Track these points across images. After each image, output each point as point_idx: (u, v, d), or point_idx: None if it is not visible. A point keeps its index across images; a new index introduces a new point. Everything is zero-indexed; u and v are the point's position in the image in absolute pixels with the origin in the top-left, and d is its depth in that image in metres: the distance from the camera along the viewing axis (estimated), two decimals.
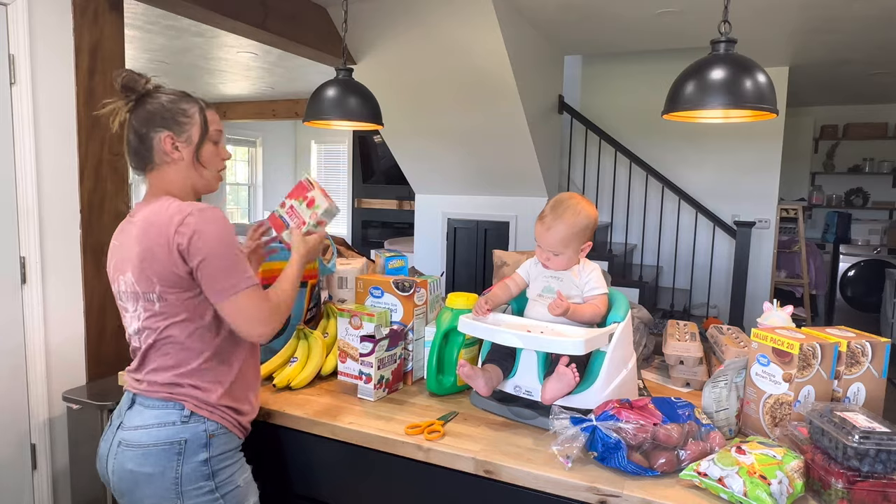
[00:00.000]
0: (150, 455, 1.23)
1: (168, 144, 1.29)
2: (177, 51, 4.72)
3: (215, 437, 1.27)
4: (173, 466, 1.23)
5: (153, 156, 1.30)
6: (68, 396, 2.17)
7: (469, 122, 4.18)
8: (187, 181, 1.33)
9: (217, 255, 1.21)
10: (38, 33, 2.09)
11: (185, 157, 1.31)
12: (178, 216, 1.21)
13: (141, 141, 1.29)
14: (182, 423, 1.25)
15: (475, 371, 1.38)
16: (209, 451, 1.26)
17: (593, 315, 1.42)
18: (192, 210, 1.22)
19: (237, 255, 1.24)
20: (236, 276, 1.23)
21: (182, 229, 1.20)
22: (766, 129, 4.93)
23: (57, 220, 2.19)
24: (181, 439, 1.24)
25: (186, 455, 1.24)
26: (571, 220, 1.43)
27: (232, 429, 1.31)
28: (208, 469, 1.26)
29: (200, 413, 1.26)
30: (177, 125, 1.30)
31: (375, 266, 2.07)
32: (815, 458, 1.10)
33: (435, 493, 1.31)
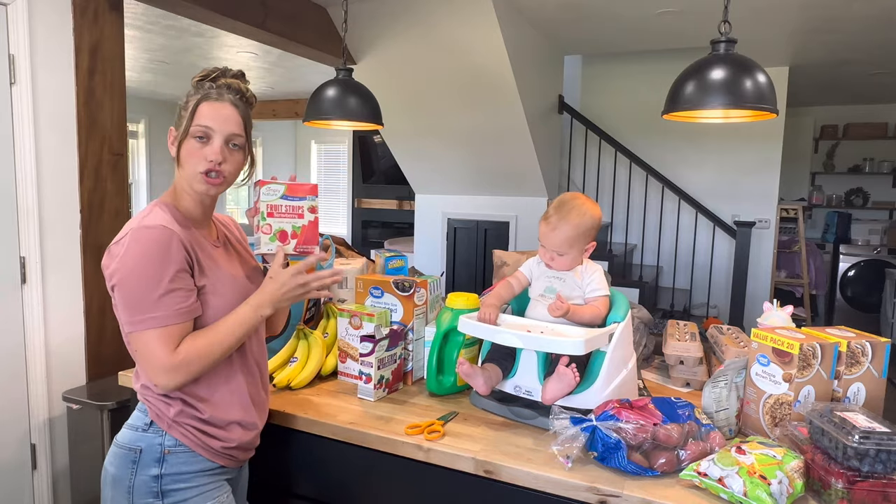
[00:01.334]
0: (116, 455, 1.19)
1: (170, 139, 1.21)
2: (177, 51, 4.72)
3: (171, 453, 1.16)
4: (128, 474, 1.16)
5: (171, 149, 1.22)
6: (68, 396, 2.17)
7: (469, 122, 4.18)
8: (182, 178, 1.21)
9: (128, 283, 1.09)
10: (38, 33, 2.09)
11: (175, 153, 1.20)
12: (120, 234, 1.13)
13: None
14: (142, 430, 1.18)
15: (474, 370, 1.38)
16: (161, 468, 1.16)
17: (593, 317, 1.42)
18: (131, 228, 1.12)
19: (153, 286, 1.08)
20: (141, 312, 1.09)
21: (112, 248, 1.13)
22: (766, 129, 4.92)
23: (57, 220, 2.19)
24: (137, 447, 1.17)
25: (140, 465, 1.16)
26: (577, 221, 1.42)
27: (197, 449, 1.18)
28: (157, 487, 1.15)
29: (160, 424, 1.17)
30: (178, 118, 1.20)
31: (375, 266, 2.07)
32: (815, 458, 1.10)
33: (435, 493, 1.31)
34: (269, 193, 1.28)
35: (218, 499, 1.22)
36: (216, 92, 1.20)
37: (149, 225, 1.11)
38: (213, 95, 1.19)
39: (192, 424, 1.18)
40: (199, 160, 1.18)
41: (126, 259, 1.09)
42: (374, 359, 1.50)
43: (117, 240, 1.13)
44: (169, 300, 1.10)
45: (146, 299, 1.09)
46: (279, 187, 1.28)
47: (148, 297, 1.09)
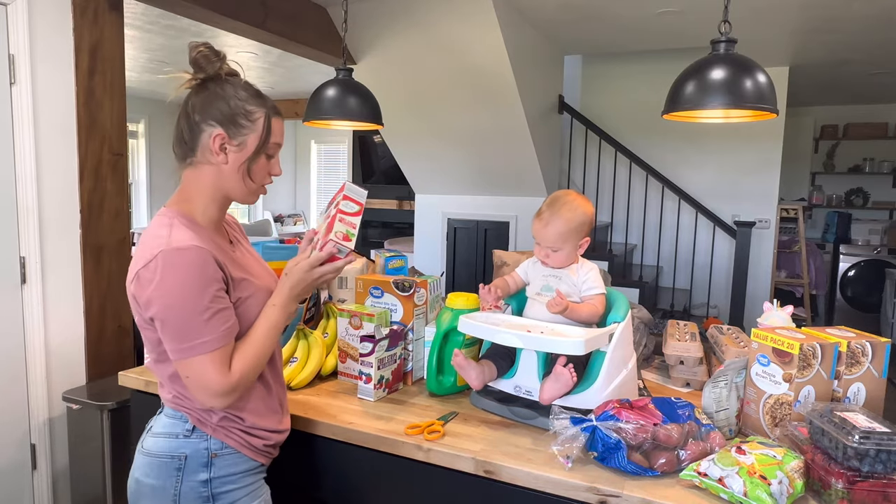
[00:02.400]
0: (153, 466, 1.15)
1: (216, 144, 1.13)
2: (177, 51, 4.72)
3: (219, 456, 1.16)
4: (172, 483, 1.14)
5: (196, 150, 1.15)
6: (68, 396, 2.17)
7: (469, 122, 4.18)
8: (222, 188, 1.17)
9: (171, 311, 1.05)
10: (38, 33, 2.09)
11: (229, 162, 1.15)
12: (146, 256, 1.06)
13: (190, 129, 1.14)
14: (184, 437, 1.16)
15: (469, 363, 1.38)
16: (210, 472, 1.15)
17: (590, 314, 1.42)
18: (160, 251, 1.06)
19: (197, 311, 1.06)
20: (189, 339, 1.06)
21: (143, 273, 1.06)
22: (767, 129, 4.92)
23: (57, 220, 2.19)
24: (182, 454, 1.15)
25: (186, 472, 1.14)
26: (568, 216, 1.43)
27: (242, 449, 1.19)
28: (208, 491, 1.15)
29: (203, 429, 1.16)
30: (233, 126, 1.14)
31: (375, 266, 2.07)
32: (816, 458, 1.10)
33: (435, 493, 1.31)
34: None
35: (263, 497, 1.25)
36: (275, 106, 1.20)
37: (181, 247, 1.06)
38: (276, 110, 1.19)
39: (236, 427, 1.19)
40: (264, 175, 1.20)
41: (164, 287, 1.05)
42: (374, 359, 1.50)
43: (145, 264, 1.06)
44: (215, 322, 1.08)
45: (192, 325, 1.06)
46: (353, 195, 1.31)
47: (194, 323, 1.06)
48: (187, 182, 1.18)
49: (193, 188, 1.18)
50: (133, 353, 2.50)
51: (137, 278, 1.07)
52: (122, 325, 2.43)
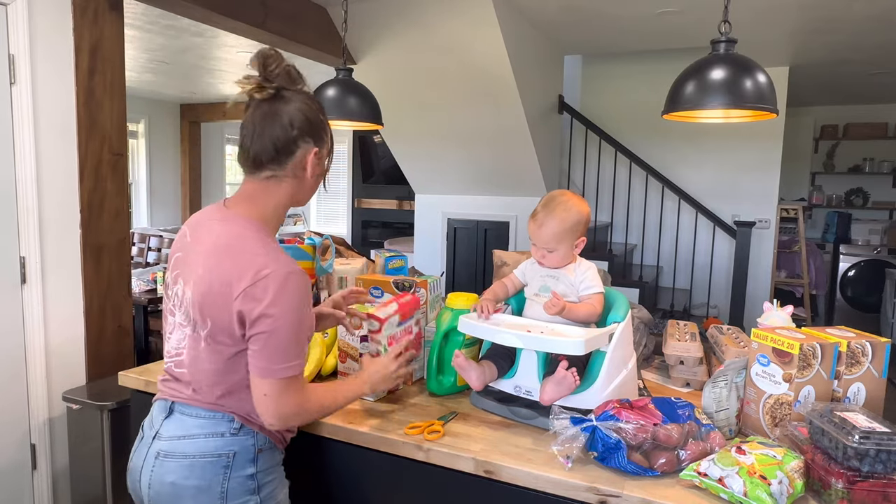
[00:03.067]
0: (196, 467, 1.15)
1: (311, 161, 1.16)
2: (177, 51, 4.72)
3: (263, 451, 1.21)
4: (219, 480, 1.15)
5: (286, 164, 1.15)
6: (68, 396, 2.17)
7: (469, 122, 4.18)
8: (294, 198, 1.20)
9: (283, 332, 1.08)
10: (38, 33, 2.09)
11: (310, 176, 1.18)
12: (251, 272, 1.07)
13: (287, 143, 1.13)
14: (231, 435, 1.17)
15: (469, 363, 1.38)
16: (256, 466, 1.19)
17: (589, 314, 1.42)
18: (271, 271, 1.07)
19: (301, 334, 1.11)
20: (288, 360, 1.09)
21: (252, 291, 1.06)
22: (766, 129, 4.92)
23: (57, 220, 2.19)
24: (230, 452, 1.16)
25: (234, 468, 1.16)
26: (563, 216, 1.43)
27: (278, 443, 1.25)
28: (254, 484, 1.18)
29: (251, 426, 1.18)
30: (321, 141, 1.17)
31: (375, 266, 2.07)
32: (816, 458, 1.10)
33: (435, 493, 1.31)
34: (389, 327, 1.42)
35: (286, 485, 1.30)
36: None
37: (294, 270, 1.09)
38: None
39: None
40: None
41: (284, 307, 1.07)
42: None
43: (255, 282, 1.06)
44: (304, 346, 1.14)
45: (292, 348, 1.10)
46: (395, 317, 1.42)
47: (294, 347, 1.10)
48: (260, 195, 1.18)
49: (269, 203, 1.18)
50: (133, 353, 2.50)
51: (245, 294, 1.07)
52: (122, 325, 2.43)
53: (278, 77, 1.13)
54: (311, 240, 1.85)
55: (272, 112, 1.13)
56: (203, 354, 1.15)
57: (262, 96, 1.13)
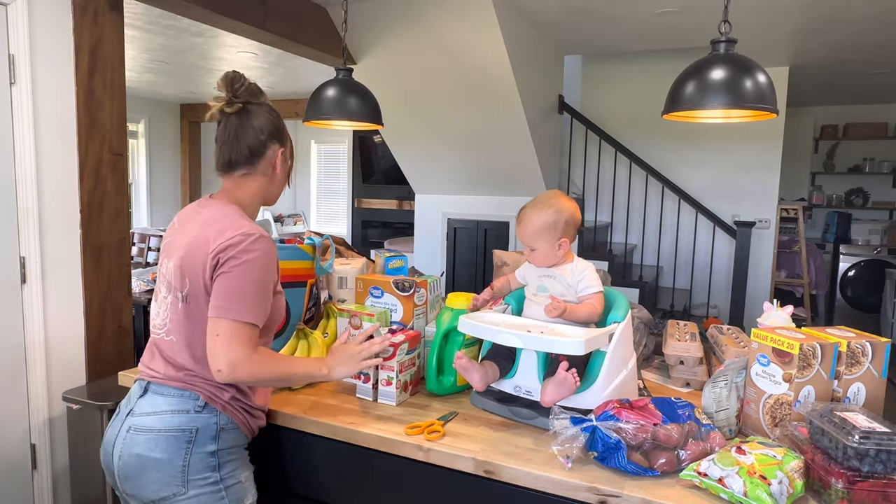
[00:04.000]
0: (160, 440, 1.24)
1: (280, 159, 1.36)
2: (177, 51, 4.72)
3: (225, 430, 1.29)
4: (181, 454, 1.24)
5: (257, 164, 1.34)
6: (68, 396, 2.17)
7: (469, 122, 4.18)
8: (266, 194, 1.38)
9: (244, 277, 1.21)
10: (38, 33, 2.09)
11: (279, 173, 1.38)
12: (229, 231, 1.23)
13: (258, 146, 1.33)
14: (196, 412, 1.26)
15: (472, 364, 1.38)
16: (218, 444, 1.27)
17: (589, 314, 1.42)
18: (247, 230, 1.23)
19: (261, 288, 1.23)
20: (240, 304, 1.21)
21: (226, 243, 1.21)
22: (766, 129, 4.92)
23: (57, 220, 2.19)
24: (193, 428, 1.25)
25: (196, 444, 1.25)
26: (539, 215, 1.45)
27: (241, 426, 1.32)
28: (215, 461, 1.27)
29: (214, 405, 1.28)
30: (283, 142, 1.37)
31: (375, 266, 2.07)
32: (816, 458, 1.10)
33: (435, 493, 1.31)
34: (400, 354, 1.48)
35: (251, 469, 1.39)
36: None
37: (265, 235, 1.26)
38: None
39: (242, 407, 1.32)
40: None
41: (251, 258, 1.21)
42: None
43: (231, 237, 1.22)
44: (264, 305, 1.25)
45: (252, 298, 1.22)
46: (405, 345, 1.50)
47: (252, 296, 1.22)
48: (236, 189, 1.35)
49: (244, 195, 1.36)
50: (133, 353, 2.50)
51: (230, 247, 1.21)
52: (122, 325, 2.43)
53: (244, 93, 1.32)
54: (311, 240, 1.85)
55: (242, 123, 1.32)
56: (181, 317, 1.28)
57: (231, 111, 1.32)
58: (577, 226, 1.48)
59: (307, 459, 1.46)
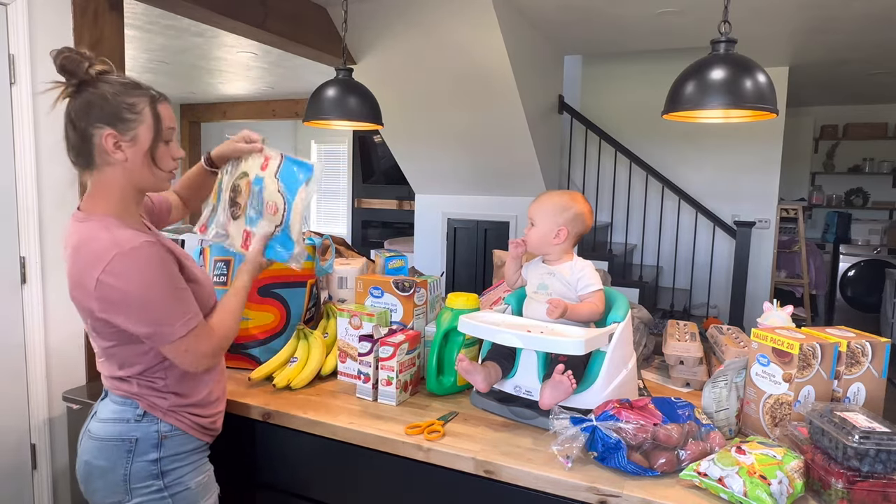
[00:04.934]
0: (103, 449, 1.24)
1: (109, 143, 1.15)
2: (177, 51, 4.72)
3: (168, 438, 1.26)
4: (123, 463, 1.23)
5: (93, 154, 1.17)
6: (68, 396, 2.17)
7: (469, 122, 4.18)
8: (132, 183, 1.21)
9: (144, 306, 1.13)
10: (38, 33, 2.09)
11: (129, 157, 1.17)
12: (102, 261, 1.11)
13: (81, 137, 1.16)
14: (135, 421, 1.24)
15: (474, 366, 1.38)
16: (160, 452, 1.25)
17: (591, 313, 1.42)
18: (116, 253, 1.11)
19: (170, 298, 1.15)
20: (170, 324, 1.15)
21: (104, 278, 1.11)
22: (766, 129, 4.92)
23: (57, 220, 2.18)
24: (133, 437, 1.23)
25: (136, 453, 1.23)
26: (554, 197, 1.50)
27: (190, 431, 1.29)
28: (157, 469, 1.24)
29: (154, 413, 1.24)
30: (121, 122, 1.15)
31: (375, 266, 2.07)
32: (815, 458, 1.10)
33: (435, 493, 1.31)
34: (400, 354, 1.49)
35: (207, 472, 1.35)
36: (157, 92, 1.22)
37: (134, 245, 1.13)
38: (160, 97, 1.21)
39: (186, 411, 1.28)
40: (168, 161, 1.24)
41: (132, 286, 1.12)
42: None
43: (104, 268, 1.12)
44: (187, 301, 1.19)
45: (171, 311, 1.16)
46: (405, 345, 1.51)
47: (172, 309, 1.16)
48: (97, 186, 1.21)
49: (106, 190, 1.20)
50: None
51: (101, 284, 1.12)
52: None
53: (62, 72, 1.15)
54: (311, 240, 1.85)
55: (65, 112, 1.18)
56: (99, 344, 1.24)
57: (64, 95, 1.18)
58: (583, 227, 1.49)
59: (307, 459, 1.46)
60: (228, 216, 1.42)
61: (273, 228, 1.36)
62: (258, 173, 1.38)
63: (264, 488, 1.53)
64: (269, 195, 1.36)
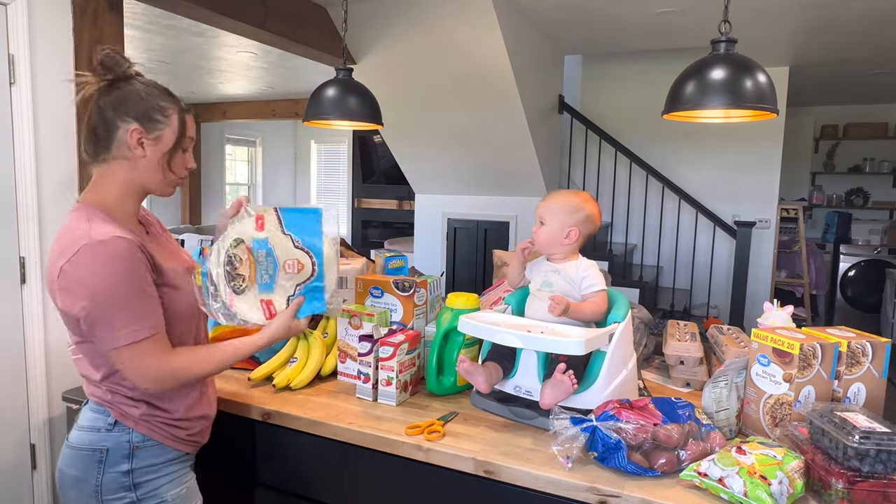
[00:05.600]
0: (76, 458, 1.21)
1: (133, 139, 1.17)
2: (177, 51, 4.72)
3: (141, 448, 1.21)
4: (94, 474, 1.19)
5: (112, 146, 1.18)
6: (68, 396, 2.17)
7: (469, 122, 4.18)
8: (139, 181, 1.21)
9: (102, 303, 1.09)
10: (38, 33, 2.09)
11: (147, 155, 1.19)
12: (69, 251, 1.09)
13: (105, 126, 1.17)
14: (106, 430, 1.20)
15: (475, 367, 1.38)
16: (131, 463, 1.20)
17: (593, 313, 1.42)
18: (83, 244, 1.09)
19: (124, 300, 1.10)
20: (123, 327, 1.09)
21: (67, 268, 1.08)
22: (767, 129, 4.92)
23: (57, 221, 2.18)
24: (103, 447, 1.20)
25: (107, 464, 1.19)
26: (566, 195, 1.50)
27: (165, 441, 1.23)
28: (129, 481, 1.20)
29: (125, 422, 1.20)
30: (149, 121, 1.18)
31: (375, 266, 2.07)
32: (816, 458, 1.10)
33: (435, 493, 1.31)
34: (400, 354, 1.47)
35: (187, 484, 1.29)
36: (184, 104, 1.26)
37: (103, 239, 1.10)
38: (188, 109, 1.26)
39: (160, 420, 1.23)
40: (182, 168, 1.26)
41: (91, 279, 1.09)
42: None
43: (69, 258, 1.09)
44: (146, 310, 1.13)
45: (123, 315, 1.10)
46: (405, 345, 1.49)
47: (125, 313, 1.10)
48: (101, 178, 1.21)
49: (109, 183, 1.21)
50: None
51: (63, 273, 1.10)
52: None
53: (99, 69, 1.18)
54: None
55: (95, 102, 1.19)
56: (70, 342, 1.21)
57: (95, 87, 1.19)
58: (593, 228, 1.50)
59: (307, 459, 1.46)
60: (230, 292, 1.27)
61: (294, 289, 1.28)
62: (256, 235, 1.27)
63: (264, 488, 1.53)
64: (285, 253, 1.26)
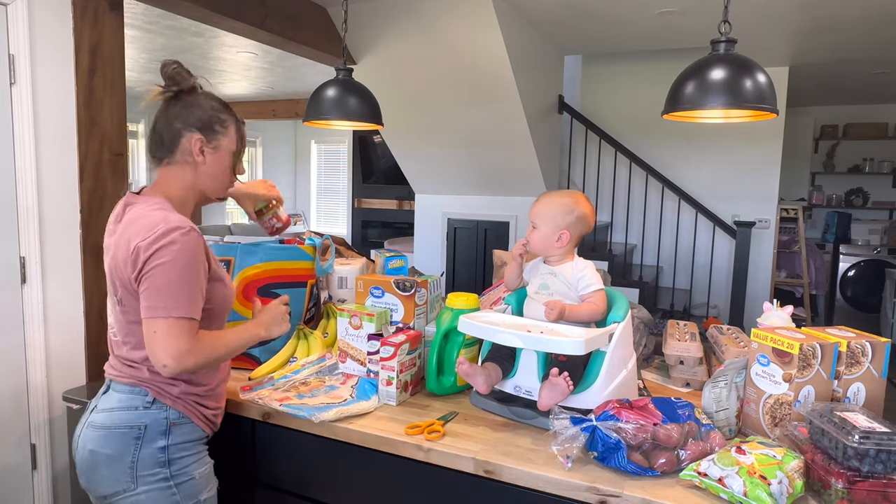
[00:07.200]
0: (110, 437, 1.26)
1: (196, 147, 1.31)
2: (177, 51, 4.72)
3: (176, 426, 1.29)
4: (131, 450, 1.25)
5: (176, 152, 1.32)
6: (68, 396, 2.17)
7: (469, 122, 4.18)
8: (197, 184, 1.35)
9: (167, 275, 1.18)
10: (38, 33, 2.09)
11: (206, 162, 1.33)
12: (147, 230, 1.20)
13: (172, 134, 1.32)
14: (144, 408, 1.27)
15: (474, 369, 1.38)
16: (168, 439, 1.28)
17: (592, 313, 1.42)
18: (169, 227, 1.20)
19: (189, 281, 1.20)
20: (174, 301, 1.18)
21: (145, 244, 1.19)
22: (766, 129, 4.92)
23: (57, 220, 2.18)
24: (141, 424, 1.26)
25: (145, 440, 1.26)
26: (557, 197, 1.50)
27: (196, 420, 1.32)
28: (165, 457, 1.27)
29: (163, 401, 1.28)
30: (211, 131, 1.33)
31: (375, 266, 2.07)
32: (815, 458, 1.10)
33: (435, 493, 1.31)
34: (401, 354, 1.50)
35: (209, 464, 1.38)
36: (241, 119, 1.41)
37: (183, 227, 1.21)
38: (243, 122, 1.41)
39: (193, 399, 1.32)
40: (231, 174, 1.41)
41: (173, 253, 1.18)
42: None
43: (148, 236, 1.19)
44: (196, 297, 1.22)
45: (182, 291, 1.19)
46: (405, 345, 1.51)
47: (181, 291, 1.19)
48: (165, 179, 1.34)
49: (172, 184, 1.33)
50: None
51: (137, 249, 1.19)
52: None
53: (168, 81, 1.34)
54: (311, 240, 1.85)
55: (163, 111, 1.35)
56: (119, 317, 1.30)
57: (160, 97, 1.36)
58: (586, 228, 1.49)
59: (307, 459, 1.46)
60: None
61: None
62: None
63: (264, 488, 1.53)
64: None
